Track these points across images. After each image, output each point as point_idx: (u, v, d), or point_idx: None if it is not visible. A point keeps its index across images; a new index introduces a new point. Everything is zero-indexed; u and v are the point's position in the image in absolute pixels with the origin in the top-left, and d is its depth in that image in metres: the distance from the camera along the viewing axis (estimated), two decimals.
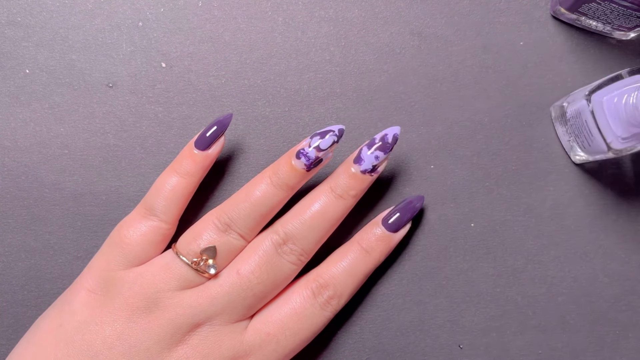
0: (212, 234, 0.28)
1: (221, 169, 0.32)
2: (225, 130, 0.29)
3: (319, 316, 0.28)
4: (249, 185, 0.29)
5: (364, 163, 0.28)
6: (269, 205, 0.28)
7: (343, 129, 0.29)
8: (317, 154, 0.28)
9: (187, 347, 0.27)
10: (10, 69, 0.32)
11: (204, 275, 0.28)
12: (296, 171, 0.28)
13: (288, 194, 0.29)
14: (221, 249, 0.28)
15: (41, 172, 0.31)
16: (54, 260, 0.31)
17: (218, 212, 0.28)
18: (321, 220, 0.28)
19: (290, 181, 0.28)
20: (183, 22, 0.32)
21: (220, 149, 0.29)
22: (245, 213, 0.28)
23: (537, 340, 0.31)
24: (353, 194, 0.29)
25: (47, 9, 0.32)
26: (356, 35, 0.32)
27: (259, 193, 0.28)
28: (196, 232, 0.28)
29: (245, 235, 0.28)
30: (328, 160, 0.29)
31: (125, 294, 0.27)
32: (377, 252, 0.29)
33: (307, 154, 0.28)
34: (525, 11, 0.32)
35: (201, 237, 0.28)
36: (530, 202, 0.32)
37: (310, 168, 0.28)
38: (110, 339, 0.26)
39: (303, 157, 0.28)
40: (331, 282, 0.29)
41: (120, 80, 0.32)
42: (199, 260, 0.27)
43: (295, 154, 0.28)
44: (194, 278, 0.28)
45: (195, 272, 0.27)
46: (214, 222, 0.28)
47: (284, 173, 0.28)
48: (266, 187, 0.28)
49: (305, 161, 0.28)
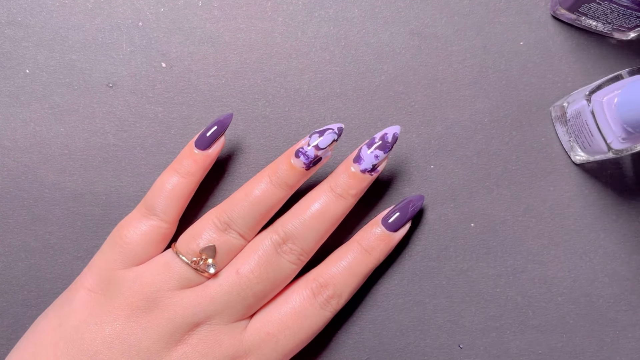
0: (211, 233, 0.28)
1: (221, 169, 0.32)
2: (226, 130, 0.29)
3: (318, 316, 0.28)
4: (249, 184, 0.29)
5: (363, 162, 0.28)
6: (269, 205, 0.28)
7: (342, 127, 0.29)
8: (317, 153, 0.28)
9: (186, 346, 0.27)
10: (10, 69, 0.32)
11: (203, 274, 0.28)
12: (295, 170, 0.28)
13: (287, 193, 0.29)
14: (221, 248, 0.28)
15: (41, 172, 0.31)
16: (54, 260, 0.31)
17: (218, 212, 0.28)
18: (321, 220, 0.28)
19: (290, 180, 0.28)
20: (183, 22, 0.32)
21: (220, 148, 0.29)
22: (244, 212, 0.28)
23: (537, 340, 0.31)
24: (353, 193, 0.29)
25: (47, 9, 0.32)
26: (356, 35, 0.32)
27: (258, 192, 0.28)
28: (196, 231, 0.28)
29: (244, 235, 0.28)
30: (328, 159, 0.29)
31: (125, 293, 0.27)
32: (377, 252, 0.29)
33: (306, 152, 0.28)
34: (525, 11, 0.32)
35: (201, 237, 0.28)
36: (530, 202, 0.32)
37: (309, 167, 0.28)
38: (109, 338, 0.26)
39: (302, 156, 0.28)
40: (331, 282, 0.29)
41: (120, 80, 0.32)
42: (198, 259, 0.27)
43: (295, 153, 0.28)
44: (194, 277, 0.28)
45: (195, 271, 0.27)
46: (214, 221, 0.28)
47: (283, 172, 0.28)
48: (265, 186, 0.28)
49: (305, 160, 0.28)
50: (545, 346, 0.31)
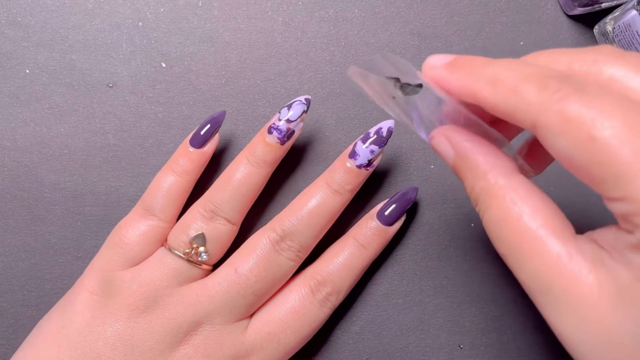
0: (199, 223, 0.28)
1: (221, 169, 0.32)
2: (220, 127, 0.30)
3: (318, 313, 0.28)
4: (229, 169, 0.29)
5: (359, 157, 0.29)
6: (251, 185, 0.29)
7: (309, 98, 0.29)
8: (288, 126, 0.29)
9: (189, 346, 0.27)
10: (10, 69, 0.32)
11: (199, 266, 0.28)
12: (271, 146, 0.29)
13: (268, 171, 0.29)
14: (210, 235, 0.28)
15: (41, 172, 0.31)
16: (54, 260, 0.31)
17: (203, 201, 0.29)
18: (318, 216, 0.28)
19: (268, 157, 0.29)
20: (183, 22, 0.32)
21: (215, 145, 0.30)
22: (228, 197, 0.28)
23: (537, 340, 0.31)
24: (349, 188, 0.29)
25: (47, 9, 0.32)
26: (356, 35, 0.32)
27: (239, 175, 0.28)
28: (184, 224, 0.28)
29: (232, 219, 0.29)
30: (301, 131, 0.29)
31: (124, 294, 0.27)
32: (373, 247, 0.29)
33: (278, 127, 0.28)
34: (525, 11, 0.32)
35: (190, 228, 0.28)
36: None
37: (284, 141, 0.29)
38: (112, 340, 0.26)
39: (275, 132, 0.28)
40: (329, 279, 0.29)
41: (120, 80, 0.32)
42: (190, 250, 0.28)
43: (267, 130, 0.29)
44: (189, 270, 0.28)
45: (189, 263, 0.28)
46: (200, 211, 0.28)
47: (260, 150, 0.29)
48: (245, 167, 0.29)
49: (278, 135, 0.28)
50: (545, 346, 0.31)
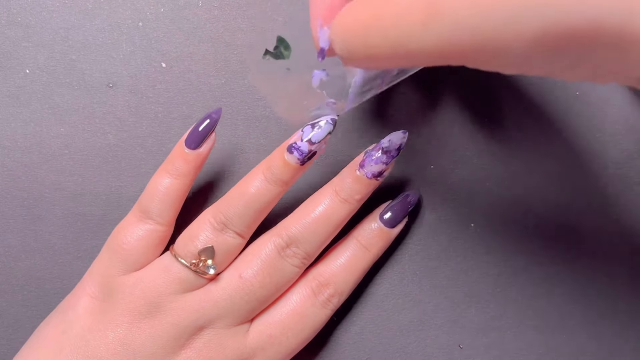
0: (208, 233, 0.27)
1: (221, 169, 0.32)
2: (216, 125, 0.28)
3: (320, 314, 0.28)
4: (243, 182, 0.28)
5: (370, 167, 0.28)
6: (264, 202, 0.28)
7: (336, 118, 0.27)
8: (310, 148, 0.27)
9: (191, 351, 0.27)
10: (10, 69, 0.32)
11: (204, 276, 0.27)
12: (290, 166, 0.27)
13: (283, 189, 0.28)
14: (219, 248, 0.27)
15: (41, 172, 0.31)
16: (54, 260, 0.31)
17: (213, 211, 0.28)
18: (325, 224, 0.28)
19: (284, 176, 0.27)
20: (183, 22, 0.32)
21: (211, 145, 0.29)
22: (240, 211, 0.27)
23: (537, 340, 0.31)
24: (358, 198, 0.28)
25: (47, 9, 0.32)
26: None
27: (253, 190, 0.28)
28: (192, 232, 0.28)
29: (242, 233, 0.28)
30: (322, 152, 0.28)
31: (126, 299, 0.27)
32: (375, 248, 0.29)
33: (299, 147, 0.27)
34: None
35: (198, 238, 0.27)
36: (530, 202, 0.32)
37: (304, 162, 0.27)
38: (113, 345, 0.26)
39: (296, 152, 0.27)
40: (331, 280, 0.28)
41: (120, 80, 0.32)
42: (197, 261, 0.27)
43: (287, 148, 0.27)
44: (195, 280, 0.27)
45: (195, 273, 0.27)
46: (210, 221, 0.28)
47: (278, 169, 0.27)
48: (260, 183, 0.28)
49: (298, 155, 0.27)
50: (545, 346, 0.31)
